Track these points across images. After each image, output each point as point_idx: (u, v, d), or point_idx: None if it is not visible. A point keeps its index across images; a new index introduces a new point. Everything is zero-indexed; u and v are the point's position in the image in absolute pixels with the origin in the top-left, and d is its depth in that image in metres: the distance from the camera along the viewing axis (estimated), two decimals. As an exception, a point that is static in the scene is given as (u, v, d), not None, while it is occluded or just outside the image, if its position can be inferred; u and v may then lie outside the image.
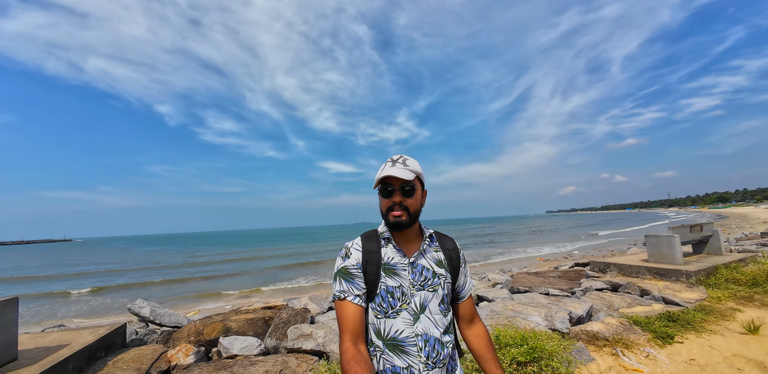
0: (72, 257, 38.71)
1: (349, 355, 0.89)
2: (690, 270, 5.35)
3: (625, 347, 3.23)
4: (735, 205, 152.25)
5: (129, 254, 39.69)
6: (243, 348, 3.29)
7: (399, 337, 0.96)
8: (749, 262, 6.12)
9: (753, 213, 49.90)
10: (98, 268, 23.71)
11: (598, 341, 3.33)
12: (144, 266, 23.59)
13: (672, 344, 3.37)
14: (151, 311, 4.29)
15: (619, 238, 25.53)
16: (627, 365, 2.96)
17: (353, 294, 0.98)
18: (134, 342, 3.67)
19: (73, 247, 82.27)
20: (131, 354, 3.17)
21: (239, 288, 13.04)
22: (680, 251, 5.80)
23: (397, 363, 0.95)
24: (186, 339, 3.59)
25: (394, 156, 1.06)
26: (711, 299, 4.67)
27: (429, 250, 1.10)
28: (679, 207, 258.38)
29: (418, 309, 0.99)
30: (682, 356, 3.16)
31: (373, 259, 1.02)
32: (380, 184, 1.03)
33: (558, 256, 17.02)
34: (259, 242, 55.58)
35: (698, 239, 6.66)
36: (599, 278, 5.99)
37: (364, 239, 1.08)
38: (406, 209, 1.01)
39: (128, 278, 17.42)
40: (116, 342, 3.39)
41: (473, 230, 52.43)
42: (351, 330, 0.93)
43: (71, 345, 3.01)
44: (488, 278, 7.47)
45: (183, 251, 39.28)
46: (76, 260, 32.30)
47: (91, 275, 19.59)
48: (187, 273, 18.75)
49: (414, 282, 1.01)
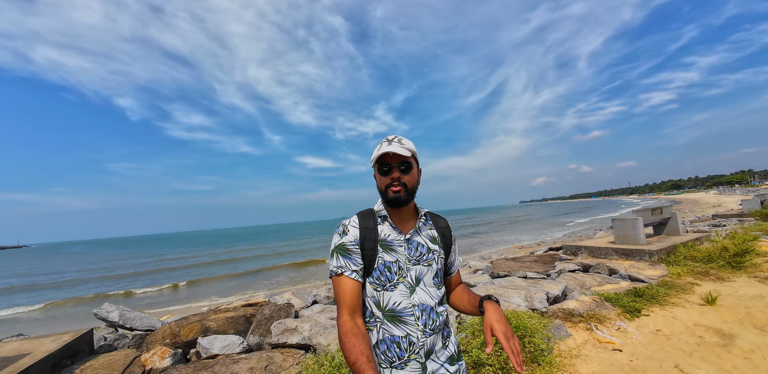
0: (23, 265, 35.77)
1: (347, 328, 0.91)
2: (652, 250, 5.73)
3: (598, 322, 3.42)
4: (688, 191, 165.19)
5: (87, 259, 37.17)
6: (224, 346, 3.17)
7: (397, 308, 1.01)
8: (704, 241, 6.65)
9: (704, 198, 54.38)
10: (54, 278, 22.00)
11: (574, 317, 3.50)
12: (103, 274, 22.10)
13: (640, 317, 3.61)
14: (120, 315, 4.04)
15: (590, 225, 27.00)
16: (600, 338, 3.13)
17: (350, 269, 1.01)
18: (103, 348, 3.44)
19: (26, 254, 76.09)
20: (101, 360, 2.97)
21: (214, 289, 12.61)
22: (643, 233, 6.21)
23: (395, 333, 1.00)
24: (161, 341, 3.41)
25: (389, 136, 1.09)
26: (672, 275, 5.04)
27: (424, 228, 1.15)
28: (638, 195, 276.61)
29: (413, 282, 1.05)
30: (649, 327, 3.39)
31: (370, 235, 1.05)
32: (377, 162, 1.06)
33: (533, 243, 17.77)
34: (234, 241, 53.89)
35: (658, 221, 7.15)
36: (571, 261, 6.30)
37: (360, 217, 1.11)
38: (404, 185, 1.04)
39: (85, 289, 16.32)
40: (83, 349, 3.16)
41: (453, 222, 53.68)
42: (349, 304, 0.97)
43: (33, 354, 2.77)
44: (469, 265, 7.67)
45: (149, 254, 37.31)
46: (27, 270, 29.87)
47: (47, 287, 18.20)
48: (154, 278, 17.88)
49: (410, 257, 1.06)
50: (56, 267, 29.53)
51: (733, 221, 11.34)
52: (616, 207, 62.26)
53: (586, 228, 23.03)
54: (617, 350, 2.92)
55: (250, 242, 45.17)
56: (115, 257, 37.38)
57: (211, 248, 40.26)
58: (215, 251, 34.60)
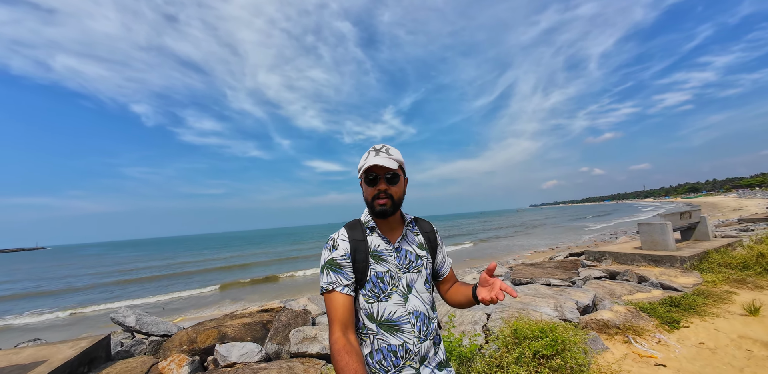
0: (41, 268, 36.67)
1: (339, 345, 0.91)
2: (684, 256, 5.45)
3: (636, 334, 3.20)
4: (705, 195, 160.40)
5: (102, 262, 37.91)
6: (242, 355, 3.07)
7: (393, 318, 1.02)
8: (736, 246, 6.31)
9: (723, 202, 52.56)
10: (70, 281, 22.45)
11: (609, 329, 3.29)
12: (119, 278, 22.46)
13: (679, 329, 3.38)
14: (137, 319, 3.98)
15: (608, 229, 26.28)
16: (641, 352, 2.92)
17: (342, 284, 1.00)
18: (120, 354, 3.37)
19: (45, 256, 78.18)
20: (118, 368, 2.90)
21: (227, 294, 12.61)
22: (673, 238, 5.92)
23: (392, 342, 1.01)
24: (178, 348, 3.33)
25: (377, 145, 1.09)
26: (707, 283, 4.76)
27: (410, 235, 1.16)
28: (653, 198, 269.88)
29: (406, 289, 1.06)
30: (691, 340, 3.16)
31: (361, 247, 1.06)
32: (364, 173, 1.05)
33: (547, 248, 17.34)
34: (245, 244, 54.34)
35: (687, 226, 6.82)
36: (596, 267, 6.04)
37: (348, 229, 1.11)
38: (391, 197, 1.05)
39: (99, 293, 16.56)
40: (100, 356, 3.10)
41: (462, 226, 53.00)
42: (341, 320, 0.96)
43: (49, 361, 2.71)
44: (486, 271, 7.44)
45: (161, 258, 37.86)
46: (48, 272, 30.59)
47: (63, 290, 18.55)
48: (167, 282, 18.04)
49: (400, 265, 1.08)
50: (73, 270, 30.17)
51: (761, 226, 10.83)
52: (634, 211, 60.62)
53: (603, 233, 22.40)
54: (661, 365, 2.71)
55: (261, 246, 45.43)
56: (129, 259, 38.03)
57: (222, 251, 40.62)
58: (226, 254, 34.89)
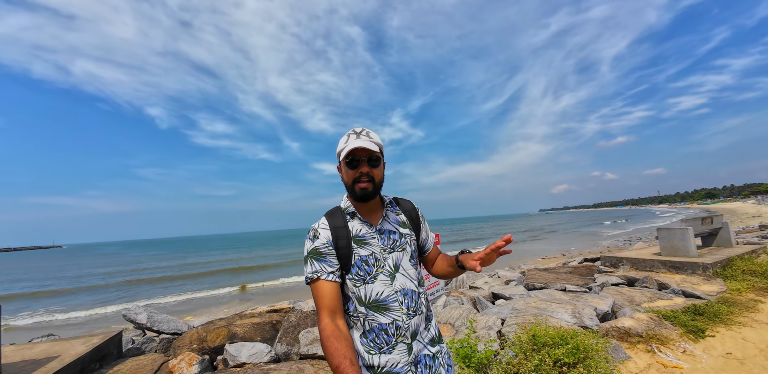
0: (57, 265, 37.57)
1: (328, 332, 0.92)
2: (706, 263, 5.23)
3: (660, 343, 3.06)
4: (723, 201, 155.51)
5: (117, 260, 38.67)
6: (252, 355, 3.03)
7: (381, 298, 1.03)
8: (761, 253, 6.05)
9: (741, 208, 50.85)
10: (85, 279, 22.95)
11: (631, 337, 3.15)
12: (135, 276, 22.85)
13: (705, 338, 3.22)
14: (148, 317, 4.00)
15: (623, 235, 25.65)
16: (666, 362, 2.78)
17: (326, 271, 1.01)
18: (131, 351, 3.37)
19: (61, 254, 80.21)
20: (128, 365, 2.89)
21: (236, 294, 12.67)
22: (694, 244, 5.70)
23: (382, 321, 1.02)
24: (188, 346, 3.31)
25: (357, 129, 1.08)
26: (731, 291, 4.55)
27: (391, 215, 1.17)
28: (668, 204, 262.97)
29: (392, 269, 1.07)
30: (717, 350, 3.00)
31: (342, 233, 1.06)
32: (346, 156, 1.04)
33: (558, 253, 16.98)
34: (253, 245, 54.80)
35: (708, 232, 6.57)
36: (613, 273, 5.85)
37: (328, 217, 1.11)
38: (372, 179, 1.05)
39: (113, 291, 16.86)
40: (111, 353, 3.10)
41: (471, 231, 52.44)
42: (328, 306, 0.97)
43: (61, 357, 2.72)
44: (498, 275, 7.29)
45: (173, 257, 38.44)
46: (63, 270, 31.32)
47: (78, 288, 18.95)
48: (179, 280, 18.26)
49: (384, 246, 1.09)
50: (87, 268, 30.85)
51: (785, 233, 10.39)
52: (650, 217, 58.99)
53: (617, 239, 21.85)
54: (688, 376, 2.58)
55: (269, 247, 45.73)
56: (142, 259, 38.73)
57: (231, 252, 41.03)
58: (234, 255, 35.22)
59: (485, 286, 5.90)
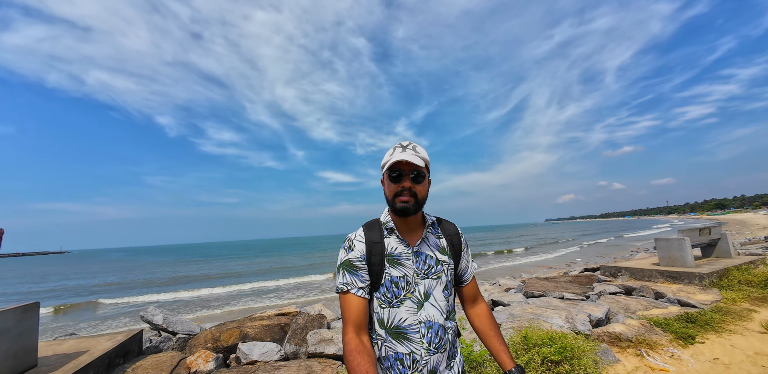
0: (67, 269, 38.08)
1: (351, 346, 0.89)
2: (702, 273, 5.35)
3: (649, 347, 3.21)
4: (733, 211, 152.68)
5: (125, 266, 39.12)
6: (263, 353, 3.24)
7: (402, 325, 0.97)
8: (759, 264, 6.13)
9: (752, 219, 50.02)
10: (97, 282, 23.30)
11: (622, 342, 3.31)
12: (144, 278, 23.15)
13: (694, 344, 3.36)
14: (164, 318, 4.24)
15: (627, 245, 25.45)
16: (653, 365, 2.93)
17: (357, 286, 0.98)
18: (150, 349, 3.61)
19: (69, 259, 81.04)
20: (149, 361, 3.12)
21: (243, 297, 12.86)
22: (691, 254, 5.82)
23: (399, 350, 0.96)
24: (203, 345, 3.54)
25: (404, 142, 1.03)
26: (726, 300, 4.66)
27: (431, 237, 1.09)
28: (678, 214, 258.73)
29: (422, 296, 1.00)
30: (705, 355, 3.14)
31: (377, 250, 1.01)
32: (389, 169, 1.00)
33: (562, 263, 16.94)
34: (257, 252, 55.03)
35: (707, 243, 6.68)
36: (611, 283, 5.97)
37: (366, 229, 1.07)
38: (415, 195, 0.99)
39: (125, 294, 17.12)
40: (133, 350, 3.34)
41: (475, 239, 52.19)
42: (354, 322, 0.94)
43: (90, 351, 2.96)
44: (499, 283, 7.43)
45: (181, 262, 38.82)
46: (73, 273, 31.76)
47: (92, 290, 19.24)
48: (187, 285, 18.49)
49: (418, 270, 1.01)
50: (99, 272, 31.31)
51: (791, 245, 10.36)
52: (656, 227, 58.27)
53: (625, 250, 21.70)
54: (673, 378, 2.73)
55: (273, 254, 45.88)
56: (150, 264, 39.15)
57: (236, 259, 41.26)
58: (240, 261, 35.44)
59: (485, 293, 6.05)
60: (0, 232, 3.57)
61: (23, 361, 2.63)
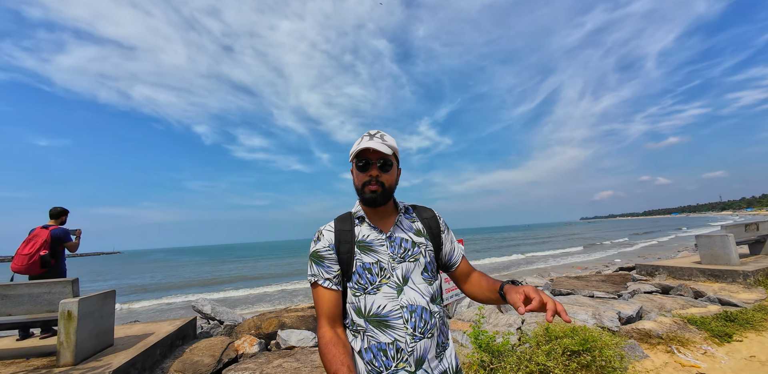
0: (125, 269, 41.68)
1: (326, 339, 0.88)
2: (747, 271, 5.06)
3: (681, 344, 3.17)
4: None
5: (171, 265, 42.19)
6: (299, 340, 3.56)
7: (382, 312, 0.91)
8: (817, 263, 5.66)
9: (823, 215, 44.69)
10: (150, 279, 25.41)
11: (651, 339, 3.28)
12: (189, 278, 24.89)
13: (730, 342, 3.26)
14: (212, 308, 4.71)
15: (671, 244, 23.81)
16: (683, 361, 2.91)
17: (323, 277, 0.96)
18: (202, 334, 4.06)
19: (122, 259, 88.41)
20: (203, 343, 3.53)
21: (277, 293, 13.56)
22: (735, 252, 5.50)
23: (382, 339, 0.90)
24: (247, 332, 3.93)
25: (372, 131, 1.02)
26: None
27: (405, 221, 1.06)
28: (732, 210, 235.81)
29: (401, 281, 0.95)
30: (741, 353, 3.06)
31: (345, 237, 0.99)
32: (356, 158, 0.99)
33: (598, 264, 16.21)
34: (289, 252, 57.09)
35: (755, 239, 6.25)
36: (647, 282, 5.77)
37: (337, 221, 1.05)
38: (382, 184, 0.97)
39: (172, 291, 18.55)
40: (189, 334, 3.79)
41: (503, 240, 50.80)
42: (327, 314, 0.93)
43: (156, 333, 3.43)
44: (526, 281, 7.36)
45: (219, 261, 41.32)
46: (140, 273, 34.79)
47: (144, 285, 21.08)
48: (228, 282, 19.70)
49: (394, 255, 0.97)
50: (151, 271, 34.18)
51: None
52: (706, 225, 53.55)
53: (668, 249, 20.34)
54: (703, 374, 2.71)
55: (303, 255, 47.41)
56: (193, 263, 42.06)
57: (269, 258, 43.16)
58: (273, 261, 37.09)
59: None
60: (78, 232, 4.17)
61: (103, 340, 3.12)
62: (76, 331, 2.75)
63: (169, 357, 3.22)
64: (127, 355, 2.89)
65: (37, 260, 3.54)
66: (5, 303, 2.97)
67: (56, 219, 3.98)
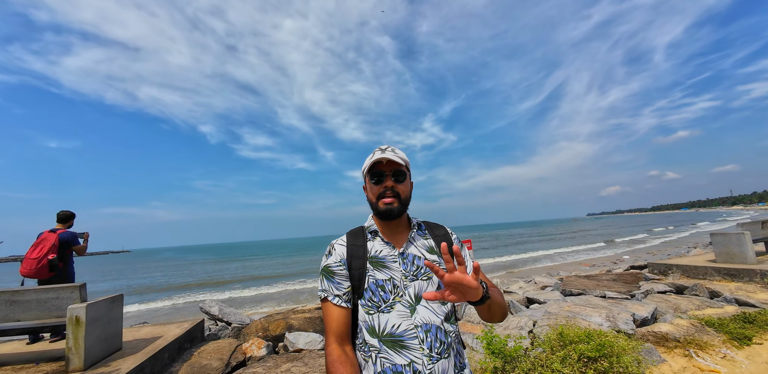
0: (134, 269, 42.30)
1: (334, 356, 0.86)
2: (765, 270, 4.92)
3: (699, 348, 3.07)
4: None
5: (179, 264, 42.72)
6: (307, 342, 3.53)
7: (396, 332, 0.88)
8: (839, 261, 5.49)
9: (839, 210, 43.65)
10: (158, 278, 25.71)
11: (668, 342, 3.19)
12: (195, 278, 25.12)
13: (750, 345, 3.16)
14: (220, 310, 4.70)
15: (682, 241, 23.44)
16: (702, 366, 2.82)
17: (333, 293, 0.93)
18: (210, 336, 4.05)
19: (131, 257, 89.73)
20: (211, 346, 3.52)
21: (284, 294, 13.63)
22: (752, 250, 5.35)
23: (397, 361, 0.85)
24: (254, 334, 3.91)
25: (382, 146, 1.03)
26: (794, 300, 4.27)
27: (418, 238, 1.04)
28: (743, 205, 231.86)
29: (413, 300, 0.92)
30: (762, 357, 2.95)
31: (358, 252, 0.97)
32: (369, 172, 0.99)
33: (607, 261, 16.01)
34: (294, 250, 57.45)
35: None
36: (660, 281, 5.65)
37: (349, 235, 1.04)
38: (398, 195, 0.97)
39: (181, 290, 18.73)
40: (197, 336, 3.78)
41: (508, 237, 50.50)
42: (335, 332, 0.90)
43: (164, 336, 3.42)
44: (535, 281, 7.27)
45: (225, 260, 41.74)
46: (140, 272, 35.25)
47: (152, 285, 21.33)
48: (235, 282, 19.86)
49: (406, 272, 0.95)
50: (159, 270, 34.61)
51: None
52: (717, 220, 52.57)
53: (678, 246, 20.03)
54: (724, 380, 2.62)
55: (309, 253, 47.62)
56: (200, 262, 42.57)
57: (275, 257, 43.45)
58: (279, 260, 37.31)
59: (519, 291, 5.98)
60: (86, 235, 4.19)
61: (112, 345, 3.11)
62: (84, 336, 2.74)
63: (177, 361, 3.21)
64: (136, 360, 2.88)
65: (46, 264, 3.55)
66: (14, 308, 2.97)
67: (64, 223, 3.99)
